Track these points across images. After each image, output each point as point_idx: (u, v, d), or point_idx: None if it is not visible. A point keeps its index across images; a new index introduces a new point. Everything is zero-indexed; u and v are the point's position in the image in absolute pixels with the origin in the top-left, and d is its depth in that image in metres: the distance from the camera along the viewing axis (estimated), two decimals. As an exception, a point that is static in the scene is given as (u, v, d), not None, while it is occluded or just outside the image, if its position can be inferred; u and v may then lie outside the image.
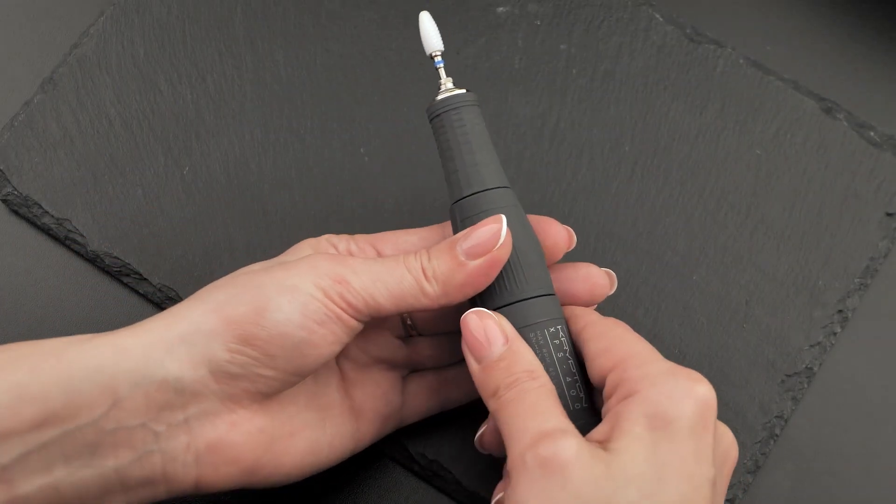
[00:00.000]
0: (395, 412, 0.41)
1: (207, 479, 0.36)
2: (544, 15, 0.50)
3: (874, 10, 0.52)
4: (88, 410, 0.34)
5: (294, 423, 0.38)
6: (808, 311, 0.46)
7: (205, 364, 0.35)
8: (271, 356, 0.35)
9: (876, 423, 0.46)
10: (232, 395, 0.36)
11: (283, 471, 0.37)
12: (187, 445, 0.35)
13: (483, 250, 0.37)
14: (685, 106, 0.49)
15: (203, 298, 0.36)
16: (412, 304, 0.37)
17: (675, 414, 0.34)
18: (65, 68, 0.50)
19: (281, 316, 0.35)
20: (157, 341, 0.35)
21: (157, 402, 0.35)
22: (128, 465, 0.35)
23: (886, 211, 0.48)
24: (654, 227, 0.48)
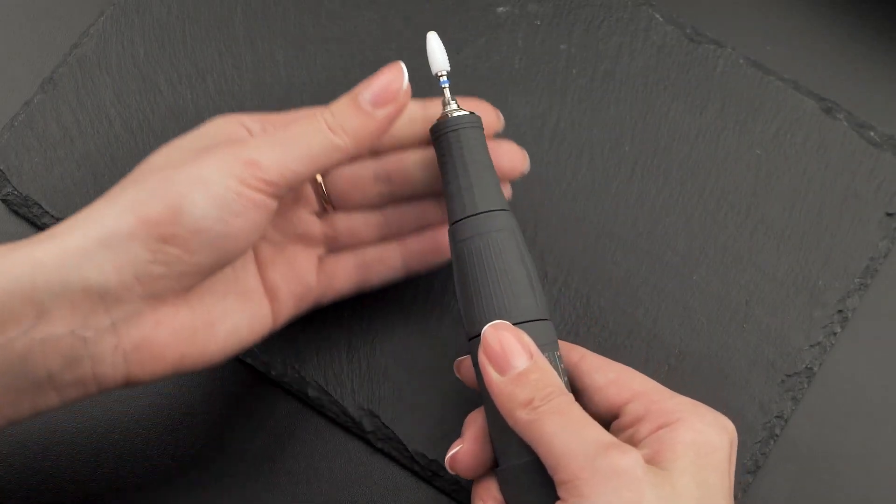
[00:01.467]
0: (310, 292, 0.42)
1: (136, 376, 0.36)
2: (544, 15, 0.50)
3: (874, 10, 0.52)
4: (14, 324, 0.34)
5: (214, 312, 0.38)
6: (808, 311, 0.46)
7: (128, 268, 0.35)
8: (192, 252, 0.35)
9: (876, 423, 0.46)
10: (155, 293, 0.36)
11: (206, 358, 0.38)
12: (115, 347, 0.35)
13: (389, 98, 0.38)
14: (685, 106, 0.49)
15: (115, 199, 0.36)
16: (325, 163, 0.37)
17: (717, 444, 0.37)
18: (65, 68, 0.50)
19: (198, 212, 0.35)
20: (75, 249, 0.35)
21: (82, 309, 0.35)
22: (59, 370, 0.35)
23: (886, 211, 0.48)
24: (654, 227, 0.48)
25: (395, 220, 0.43)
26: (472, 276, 0.39)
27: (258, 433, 0.46)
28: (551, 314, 0.46)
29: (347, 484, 0.45)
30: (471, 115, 0.40)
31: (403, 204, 0.43)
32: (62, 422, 0.46)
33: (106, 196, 0.36)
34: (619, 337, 0.46)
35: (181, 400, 0.46)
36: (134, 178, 0.37)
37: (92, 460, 0.45)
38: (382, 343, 0.46)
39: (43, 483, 0.45)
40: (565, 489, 0.35)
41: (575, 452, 0.35)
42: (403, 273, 0.43)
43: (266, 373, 0.46)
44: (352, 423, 0.46)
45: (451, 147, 0.39)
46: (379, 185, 0.42)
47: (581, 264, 0.47)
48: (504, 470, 0.38)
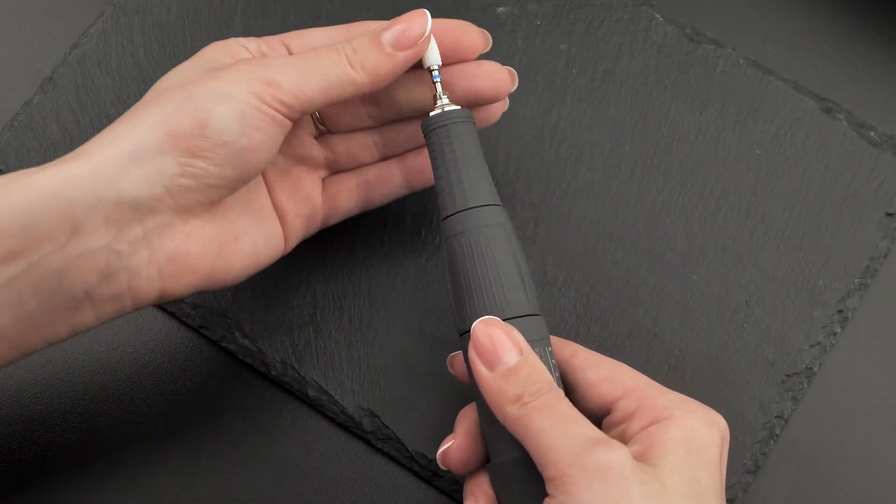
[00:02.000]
0: (317, 212, 0.43)
1: (170, 289, 0.38)
2: (544, 15, 0.50)
3: (874, 10, 0.52)
4: (50, 240, 0.35)
5: (236, 229, 0.40)
6: (808, 311, 0.46)
7: (158, 181, 0.36)
8: (218, 165, 0.37)
9: (876, 423, 0.46)
10: (185, 206, 0.37)
11: (232, 273, 0.40)
12: (149, 260, 0.37)
13: (410, 42, 0.39)
14: (685, 106, 0.49)
15: (142, 115, 0.37)
16: (340, 94, 0.39)
17: (708, 441, 0.36)
18: (65, 68, 0.50)
19: (223, 126, 0.36)
20: (106, 164, 0.36)
21: (116, 221, 0.36)
22: (95, 285, 0.36)
23: (886, 211, 0.48)
24: (654, 227, 0.48)
25: (392, 139, 0.44)
26: (462, 272, 0.39)
27: (258, 433, 0.46)
28: (543, 310, 0.46)
29: (347, 484, 0.45)
30: (462, 110, 0.40)
31: (397, 124, 0.44)
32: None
33: (129, 115, 0.38)
34: (619, 337, 0.46)
35: (181, 399, 0.46)
36: (154, 98, 0.38)
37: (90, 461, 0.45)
38: (382, 343, 0.46)
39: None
40: (553, 485, 0.35)
41: (562, 449, 0.35)
42: (406, 190, 0.45)
43: (266, 373, 0.46)
44: (352, 423, 0.46)
45: (441, 142, 0.40)
46: (367, 107, 0.43)
47: (581, 264, 0.47)
48: (495, 465, 0.38)
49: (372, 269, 0.47)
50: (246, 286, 0.47)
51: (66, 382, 0.46)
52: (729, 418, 0.45)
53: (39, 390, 0.46)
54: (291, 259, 0.47)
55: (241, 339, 0.46)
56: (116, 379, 0.46)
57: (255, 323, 0.46)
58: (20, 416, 0.46)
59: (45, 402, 0.46)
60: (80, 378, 0.46)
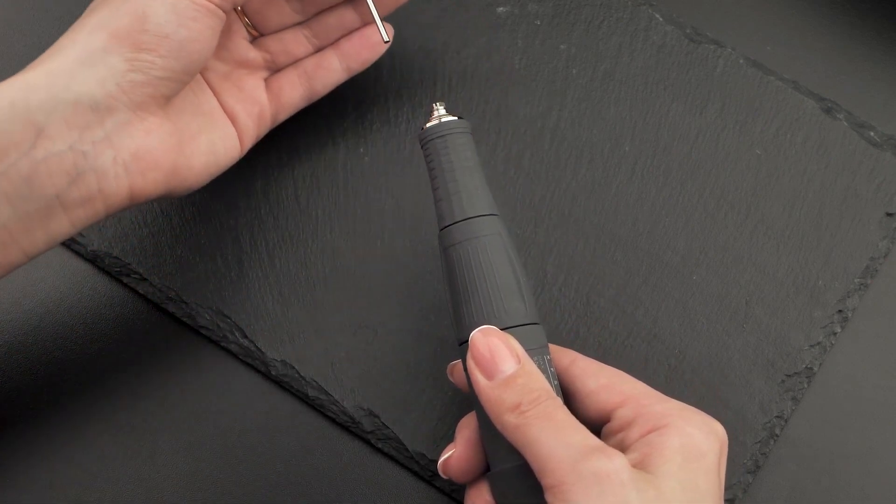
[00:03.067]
0: (265, 110, 0.45)
1: (138, 188, 0.39)
2: (544, 15, 0.50)
3: (874, 10, 0.52)
4: (15, 147, 0.37)
5: (192, 127, 0.42)
6: (808, 311, 0.46)
7: (110, 78, 0.38)
8: (163, 57, 0.39)
9: (876, 423, 0.46)
10: (139, 103, 0.39)
11: (195, 171, 0.41)
12: (114, 159, 0.38)
13: None
14: (685, 106, 0.49)
15: (84, 23, 0.39)
16: None
17: (706, 448, 0.36)
18: (65, 68, 0.49)
19: (161, 19, 0.39)
20: (58, 69, 0.38)
21: (76, 123, 0.37)
22: (66, 188, 0.38)
23: (886, 211, 0.48)
24: (654, 227, 0.48)
25: (321, 30, 0.47)
26: (460, 282, 0.39)
27: (258, 433, 0.46)
28: (543, 310, 0.46)
29: (347, 484, 0.45)
30: (458, 121, 0.40)
31: (323, 15, 0.46)
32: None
33: (72, 28, 0.39)
34: (619, 337, 0.46)
35: (180, 398, 0.46)
36: (96, 4, 0.40)
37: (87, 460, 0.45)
38: (382, 343, 0.46)
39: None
40: (552, 494, 0.35)
41: (560, 457, 0.35)
42: (346, 74, 0.47)
43: (266, 373, 0.46)
44: (352, 423, 0.46)
45: (438, 152, 0.40)
46: (291, 2, 0.46)
47: (581, 264, 0.47)
48: (495, 474, 0.38)
49: (371, 269, 0.47)
50: (246, 286, 0.47)
51: (66, 382, 0.46)
52: (729, 418, 0.45)
53: (36, 388, 0.46)
54: (292, 260, 0.47)
55: (241, 339, 0.46)
56: (116, 378, 0.46)
57: (255, 323, 0.46)
58: (17, 414, 0.46)
59: (43, 401, 0.46)
60: (79, 378, 0.46)
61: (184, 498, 0.45)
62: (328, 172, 0.48)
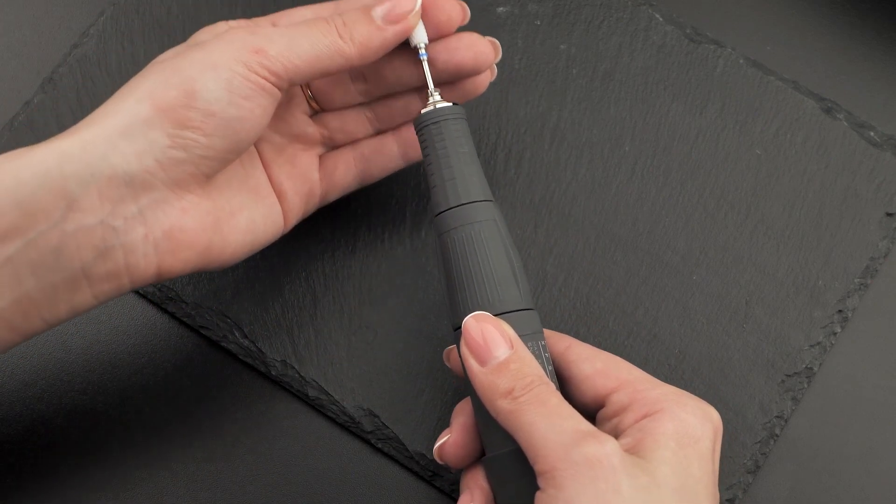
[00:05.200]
0: (315, 190, 0.43)
1: (167, 266, 0.38)
2: (544, 15, 0.50)
3: (874, 10, 0.52)
4: (45, 216, 0.35)
5: (233, 204, 0.40)
6: (808, 311, 0.46)
7: (149, 153, 0.36)
8: (208, 135, 0.37)
9: (876, 423, 0.46)
10: (178, 180, 0.37)
11: (229, 250, 0.39)
12: (145, 236, 0.37)
13: (401, 17, 0.40)
14: (685, 106, 0.49)
15: (130, 90, 0.37)
16: (328, 66, 0.39)
17: (700, 434, 0.36)
18: (65, 68, 0.49)
19: (210, 95, 0.36)
20: (97, 139, 0.36)
21: (110, 197, 0.36)
22: (92, 262, 0.36)
23: (886, 211, 0.48)
24: (654, 227, 0.48)
25: (385, 114, 0.44)
26: (455, 267, 0.39)
27: (258, 433, 0.46)
28: (543, 310, 0.46)
29: (347, 484, 0.45)
30: (453, 107, 0.40)
31: (389, 99, 0.44)
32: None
33: (120, 91, 0.38)
34: (619, 337, 0.46)
35: (181, 398, 0.46)
36: (146, 71, 0.38)
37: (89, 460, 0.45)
38: (382, 343, 0.46)
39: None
40: (543, 479, 0.35)
41: (552, 442, 0.35)
42: (403, 162, 0.44)
43: (266, 373, 0.46)
44: (352, 423, 0.46)
45: (433, 138, 0.40)
46: (357, 83, 0.43)
47: (581, 264, 0.47)
48: (490, 459, 0.38)
49: (372, 269, 0.47)
50: (246, 286, 0.47)
51: (66, 382, 0.46)
52: (729, 418, 0.45)
53: (40, 389, 0.46)
54: (292, 259, 0.47)
55: (241, 339, 0.46)
56: (116, 379, 0.46)
57: (255, 323, 0.46)
58: (21, 414, 0.46)
59: (46, 402, 0.46)
60: (80, 378, 0.46)
61: (183, 498, 0.45)
62: (328, 172, 0.48)
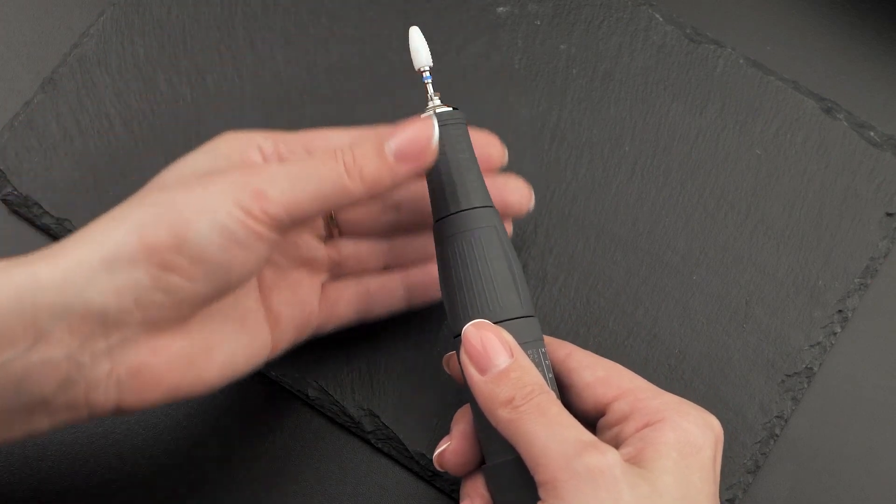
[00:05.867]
0: (312, 320, 0.41)
1: (128, 404, 0.35)
2: (544, 15, 0.50)
3: (874, 10, 0.52)
4: (11, 345, 0.33)
5: (211, 339, 0.37)
6: (808, 311, 0.46)
7: (129, 292, 0.34)
8: (194, 281, 0.35)
9: (876, 423, 0.46)
10: (154, 321, 0.35)
11: (200, 387, 0.37)
12: (109, 372, 0.35)
13: (414, 156, 0.37)
14: (685, 106, 0.49)
15: (121, 219, 0.35)
16: (335, 203, 0.37)
17: (701, 443, 0.36)
18: (65, 68, 0.50)
19: (202, 240, 0.34)
20: (76, 268, 0.34)
21: (80, 332, 0.34)
22: (53, 393, 0.34)
23: (886, 211, 0.48)
24: (654, 227, 0.48)
25: (400, 249, 0.43)
26: (455, 274, 0.38)
27: (258, 433, 0.46)
28: (543, 311, 0.46)
29: (347, 484, 0.45)
30: (453, 112, 0.40)
31: (410, 234, 0.43)
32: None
33: (112, 213, 0.36)
34: (619, 337, 0.46)
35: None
36: (141, 196, 0.36)
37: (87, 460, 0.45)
38: (382, 343, 0.46)
39: (36, 490, 0.45)
40: (544, 490, 0.34)
41: (553, 453, 0.34)
42: (405, 305, 0.43)
43: (266, 373, 0.46)
44: (352, 423, 0.46)
45: None
46: (388, 213, 0.42)
47: (581, 264, 0.47)
48: (490, 467, 0.38)
49: (372, 269, 0.47)
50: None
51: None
52: (729, 418, 0.45)
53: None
54: (291, 259, 0.47)
55: (241, 339, 0.46)
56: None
57: (255, 323, 0.46)
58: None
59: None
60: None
61: (182, 498, 0.45)
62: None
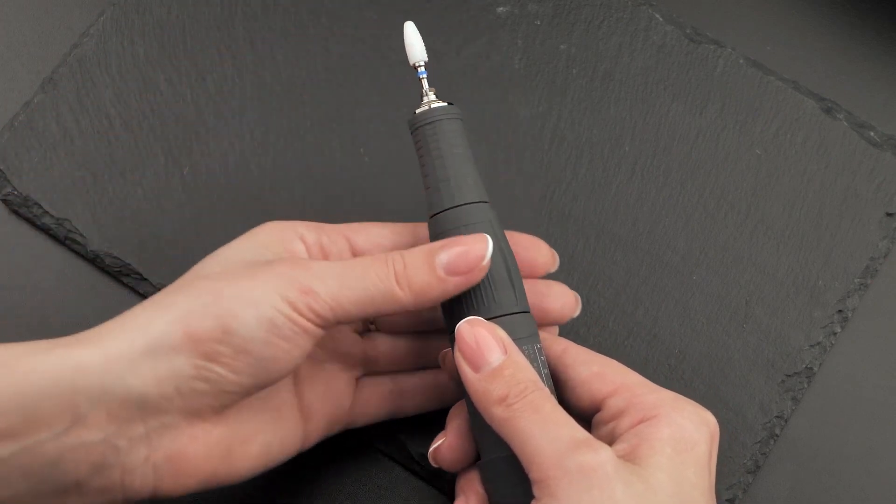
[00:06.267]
0: (344, 415, 0.41)
1: (165, 490, 0.36)
2: (544, 15, 0.50)
3: (874, 10, 0.52)
4: (47, 426, 0.33)
5: (248, 429, 0.37)
6: (808, 311, 0.46)
7: (170, 381, 0.34)
8: (236, 372, 0.35)
9: (876, 423, 0.46)
10: (194, 409, 0.35)
11: (235, 475, 0.37)
12: (146, 458, 0.35)
13: (465, 270, 0.37)
14: (685, 106, 0.49)
15: (166, 306, 0.35)
16: (381, 310, 0.37)
17: (696, 439, 0.36)
18: (65, 68, 0.50)
19: (247, 333, 0.34)
20: (118, 356, 0.34)
21: (118, 417, 0.34)
22: (87, 477, 0.34)
23: (886, 211, 0.48)
24: (654, 227, 0.48)
25: (437, 349, 0.42)
26: None
27: (258, 433, 0.46)
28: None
29: (348, 484, 0.45)
30: (448, 107, 0.39)
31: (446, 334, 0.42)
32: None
33: (156, 298, 0.36)
34: (619, 337, 0.46)
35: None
36: (186, 284, 0.36)
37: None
38: (382, 343, 0.46)
39: None
40: (538, 488, 0.34)
41: (546, 451, 0.34)
42: (437, 405, 0.43)
43: (266, 373, 0.46)
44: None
45: (428, 139, 0.39)
46: (427, 311, 0.40)
47: (581, 264, 0.47)
48: (485, 463, 0.38)
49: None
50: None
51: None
52: (729, 418, 0.45)
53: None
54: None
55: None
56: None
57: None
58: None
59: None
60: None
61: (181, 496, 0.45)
62: (328, 171, 0.48)
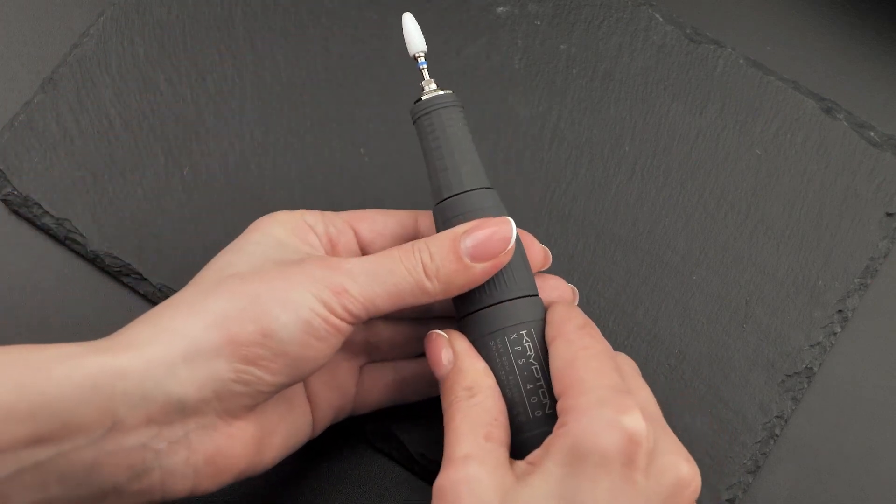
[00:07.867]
0: (349, 403, 0.42)
1: (202, 488, 0.36)
2: (544, 15, 0.50)
3: (874, 10, 0.52)
4: (86, 431, 0.33)
5: (273, 422, 0.38)
6: (808, 311, 0.46)
7: (209, 385, 0.34)
8: (274, 374, 0.35)
9: (876, 423, 0.46)
10: (231, 409, 0.36)
11: (262, 466, 0.38)
12: (186, 460, 0.35)
13: (490, 255, 0.37)
14: (685, 106, 0.49)
15: (203, 307, 0.35)
16: (410, 302, 0.37)
17: (589, 448, 0.33)
18: (65, 68, 0.50)
19: (287, 336, 0.35)
20: (157, 361, 0.34)
21: (157, 421, 0.34)
22: (126, 481, 0.34)
23: (886, 211, 0.48)
24: (654, 227, 0.48)
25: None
26: None
27: (258, 433, 0.46)
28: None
29: (347, 484, 0.45)
30: (448, 95, 0.40)
31: (447, 320, 0.42)
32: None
33: (187, 300, 0.36)
34: (619, 337, 0.46)
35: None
36: (217, 284, 0.36)
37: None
38: (382, 343, 0.46)
39: None
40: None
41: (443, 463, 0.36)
42: (437, 392, 0.42)
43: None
44: (352, 423, 0.46)
45: (431, 127, 0.39)
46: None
47: (581, 264, 0.47)
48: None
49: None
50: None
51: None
52: (729, 418, 0.45)
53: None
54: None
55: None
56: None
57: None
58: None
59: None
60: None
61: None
62: (328, 171, 0.48)
